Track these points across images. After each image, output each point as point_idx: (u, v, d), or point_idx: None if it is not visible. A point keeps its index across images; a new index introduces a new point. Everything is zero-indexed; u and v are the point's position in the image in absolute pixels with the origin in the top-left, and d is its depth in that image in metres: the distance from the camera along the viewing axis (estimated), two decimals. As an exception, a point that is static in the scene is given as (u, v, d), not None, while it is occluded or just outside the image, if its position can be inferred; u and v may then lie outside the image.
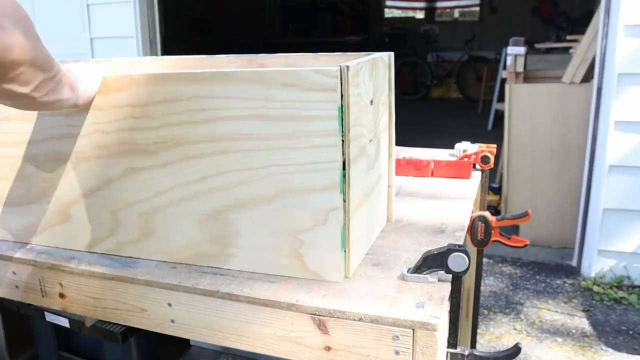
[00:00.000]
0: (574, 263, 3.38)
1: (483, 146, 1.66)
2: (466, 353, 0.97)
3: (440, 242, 1.14)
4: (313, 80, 0.88)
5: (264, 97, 0.91)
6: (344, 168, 0.92)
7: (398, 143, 1.96)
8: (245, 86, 0.92)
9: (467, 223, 1.26)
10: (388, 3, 10.95)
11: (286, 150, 0.93)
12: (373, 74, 1.05)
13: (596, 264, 3.15)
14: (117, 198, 1.10)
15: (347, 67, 0.88)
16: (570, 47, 3.78)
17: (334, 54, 1.26)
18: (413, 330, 0.86)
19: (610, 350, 2.53)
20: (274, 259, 1.01)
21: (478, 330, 2.40)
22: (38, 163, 1.15)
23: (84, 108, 1.05)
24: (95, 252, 1.16)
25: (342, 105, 0.89)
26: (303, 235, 0.97)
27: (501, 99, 4.93)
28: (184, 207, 1.04)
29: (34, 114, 1.11)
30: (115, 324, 1.61)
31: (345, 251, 0.97)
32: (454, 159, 1.65)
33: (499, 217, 1.35)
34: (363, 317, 0.88)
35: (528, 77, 3.76)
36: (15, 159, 1.17)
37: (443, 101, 9.76)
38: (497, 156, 3.70)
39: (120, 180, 1.08)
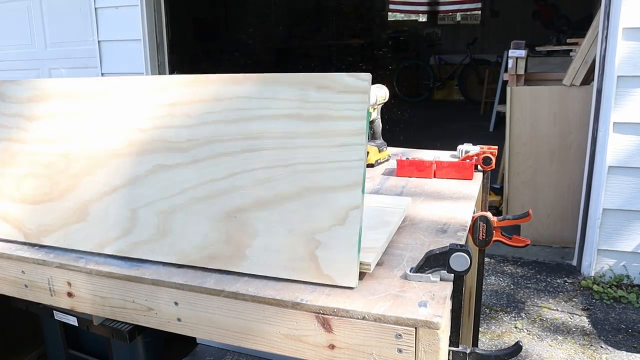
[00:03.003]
0: (574, 262, 3.40)
1: (485, 147, 1.67)
2: (468, 351, 0.97)
3: (443, 242, 1.14)
4: (346, 82, 0.93)
5: (298, 98, 0.96)
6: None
7: (401, 144, 2.00)
8: (283, 87, 0.97)
9: (468, 223, 1.26)
10: (391, 7, 10.98)
11: (313, 148, 0.96)
12: None
13: (596, 264, 3.17)
14: (140, 196, 1.11)
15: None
16: (570, 50, 3.81)
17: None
18: (416, 328, 0.86)
19: (610, 348, 2.55)
20: (289, 261, 1.00)
21: (480, 329, 2.39)
22: (69, 159, 1.17)
23: (121, 106, 1.10)
24: (106, 254, 1.16)
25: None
26: (320, 236, 0.97)
27: (502, 101, 4.96)
28: (205, 204, 1.05)
29: (68, 114, 1.15)
30: (122, 322, 1.63)
31: (359, 256, 0.97)
32: (456, 160, 1.66)
33: (500, 217, 1.34)
34: (366, 316, 0.88)
35: (529, 79, 3.78)
36: (47, 155, 1.19)
37: (445, 103, 9.77)
38: (499, 157, 3.74)
39: (146, 178, 1.10)
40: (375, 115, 1.81)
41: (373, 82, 2.11)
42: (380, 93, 1.86)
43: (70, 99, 1.17)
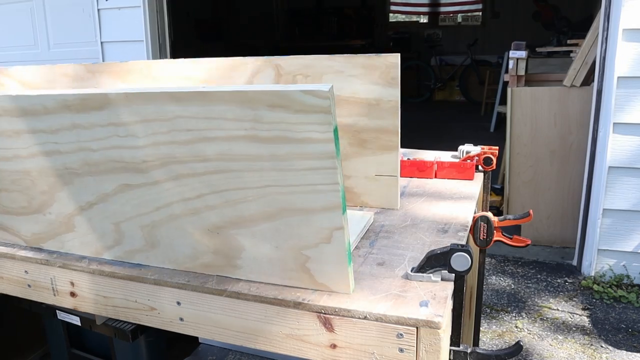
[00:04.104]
0: (574, 262, 3.40)
1: (485, 148, 1.67)
2: (469, 351, 0.98)
3: (444, 242, 1.15)
4: (302, 101, 0.80)
5: (251, 119, 0.85)
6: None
7: (402, 145, 2.01)
8: (229, 107, 0.85)
9: (469, 223, 1.27)
10: (392, 8, 10.98)
11: (281, 172, 0.88)
12: None
13: (596, 263, 3.18)
14: (117, 211, 1.07)
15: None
16: (570, 51, 3.82)
17: (348, 55, 1.25)
18: (417, 328, 0.87)
19: (610, 347, 2.55)
20: (281, 271, 0.99)
21: (480, 328, 2.39)
22: (32, 177, 1.12)
23: (66, 126, 1.01)
24: (105, 259, 1.15)
25: (337, 127, 0.83)
26: (308, 251, 0.94)
27: (503, 101, 4.97)
28: (183, 221, 1.01)
29: (18, 130, 1.07)
30: (125, 322, 1.64)
31: (352, 266, 0.96)
32: (457, 160, 1.67)
33: (501, 217, 1.35)
34: (368, 316, 0.89)
35: (529, 80, 3.79)
36: (10, 172, 1.15)
37: (446, 104, 9.78)
38: (499, 158, 3.74)
39: (116, 196, 1.05)
40: None
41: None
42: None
43: (3, 117, 1.08)
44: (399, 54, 1.24)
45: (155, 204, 1.02)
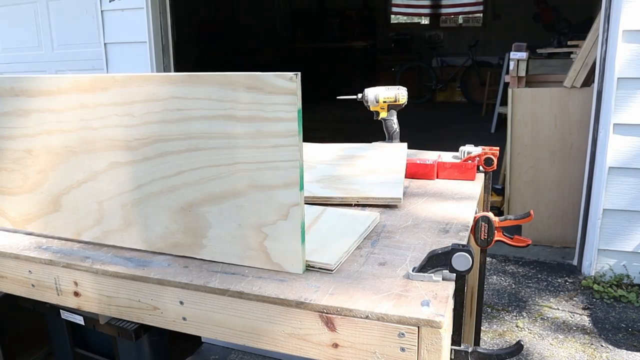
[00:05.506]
0: (574, 262, 3.42)
1: (486, 149, 1.67)
2: (470, 350, 0.98)
3: (445, 242, 1.15)
4: (274, 83, 0.93)
5: (231, 99, 0.97)
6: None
7: (404, 145, 2.02)
8: (214, 88, 0.98)
9: (470, 223, 1.27)
10: (394, 9, 11.00)
11: (252, 149, 0.98)
12: None
13: (596, 263, 3.19)
14: (103, 190, 1.16)
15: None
16: (571, 52, 3.83)
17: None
18: (418, 327, 0.87)
19: (610, 347, 2.56)
20: (241, 250, 1.06)
21: (482, 328, 2.40)
22: (32, 156, 1.22)
23: (73, 106, 1.12)
24: (83, 241, 1.22)
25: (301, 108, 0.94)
26: (267, 229, 1.02)
27: (504, 102, 4.97)
28: (160, 199, 1.10)
29: (30, 110, 1.18)
30: (128, 321, 1.66)
31: (304, 245, 1.02)
32: (458, 161, 1.67)
33: (502, 217, 1.37)
34: (370, 315, 0.89)
35: (530, 81, 3.80)
36: (13, 151, 1.24)
37: (447, 105, 9.79)
38: (500, 158, 3.75)
39: (105, 174, 1.14)
40: (387, 115, 1.82)
41: (375, 84, 2.15)
42: (389, 94, 1.88)
43: (19, 97, 1.19)
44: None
45: (138, 182, 1.12)
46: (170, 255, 1.14)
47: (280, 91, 0.93)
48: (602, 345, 2.59)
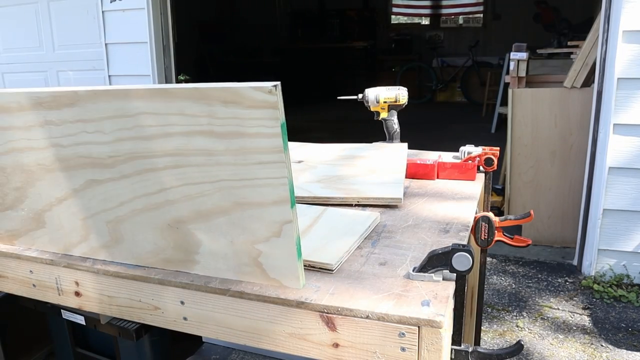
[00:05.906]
0: (574, 262, 3.42)
1: (486, 149, 1.68)
2: (470, 350, 0.98)
3: (445, 242, 1.15)
4: (253, 97, 0.84)
5: (207, 114, 0.89)
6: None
7: (405, 146, 2.03)
8: (187, 103, 0.90)
9: (471, 223, 1.27)
10: (394, 9, 11.00)
11: (236, 166, 0.91)
12: None
13: (596, 263, 3.19)
14: (84, 207, 1.10)
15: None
16: (571, 53, 3.83)
17: None
18: (419, 327, 0.87)
19: (610, 346, 2.57)
20: (236, 266, 1.01)
21: (482, 328, 2.40)
22: (6, 174, 1.15)
23: (39, 123, 1.04)
24: (74, 256, 1.18)
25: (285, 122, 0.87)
26: (260, 246, 0.97)
27: (504, 102, 4.98)
28: (146, 216, 1.05)
29: None
30: (129, 321, 1.66)
31: (301, 260, 0.98)
32: (459, 161, 1.67)
33: (502, 217, 1.37)
34: (370, 315, 0.89)
35: (530, 81, 3.80)
36: None
37: (448, 105, 9.79)
38: (500, 158, 3.76)
39: (84, 191, 1.09)
40: (388, 115, 1.83)
41: (375, 84, 2.15)
42: (389, 94, 1.88)
43: None
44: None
45: (120, 199, 1.06)
46: (164, 270, 1.10)
47: (260, 105, 0.84)
48: (602, 345, 2.59)
